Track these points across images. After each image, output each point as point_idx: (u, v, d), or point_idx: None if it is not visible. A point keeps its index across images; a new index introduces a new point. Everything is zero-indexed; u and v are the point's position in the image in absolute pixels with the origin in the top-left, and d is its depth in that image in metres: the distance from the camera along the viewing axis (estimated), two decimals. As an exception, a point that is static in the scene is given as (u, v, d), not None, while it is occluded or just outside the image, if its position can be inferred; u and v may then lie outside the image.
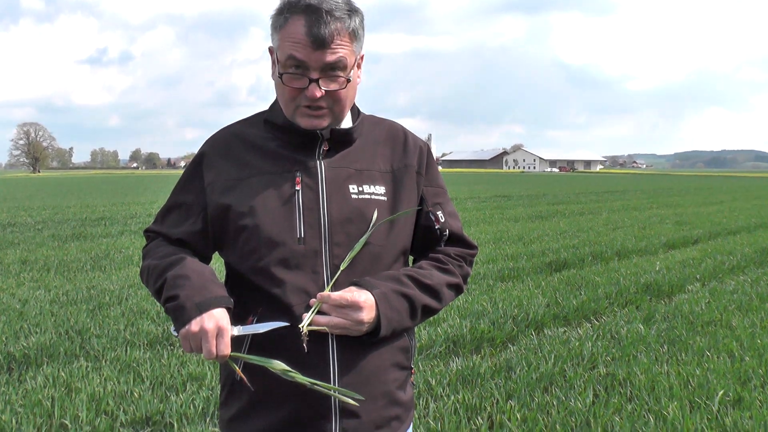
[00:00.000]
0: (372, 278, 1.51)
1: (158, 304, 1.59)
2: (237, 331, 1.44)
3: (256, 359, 1.44)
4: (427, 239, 1.69)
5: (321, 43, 1.43)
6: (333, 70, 1.47)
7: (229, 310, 1.45)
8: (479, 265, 9.00)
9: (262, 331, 1.45)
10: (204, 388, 4.30)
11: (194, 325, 1.39)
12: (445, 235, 1.68)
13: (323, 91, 1.47)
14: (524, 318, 6.10)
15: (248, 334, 1.47)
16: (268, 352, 1.47)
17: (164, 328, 5.66)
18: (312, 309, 1.45)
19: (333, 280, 1.49)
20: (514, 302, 6.71)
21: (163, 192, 29.55)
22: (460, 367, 4.74)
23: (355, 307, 1.44)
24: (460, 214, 1.76)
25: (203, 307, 1.40)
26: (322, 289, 1.48)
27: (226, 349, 1.41)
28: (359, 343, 1.51)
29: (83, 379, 4.48)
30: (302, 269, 1.50)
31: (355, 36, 1.48)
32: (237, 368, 1.47)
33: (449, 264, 1.65)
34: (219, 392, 1.68)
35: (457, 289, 1.66)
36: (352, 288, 1.48)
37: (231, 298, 1.48)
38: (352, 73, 1.51)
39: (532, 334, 5.71)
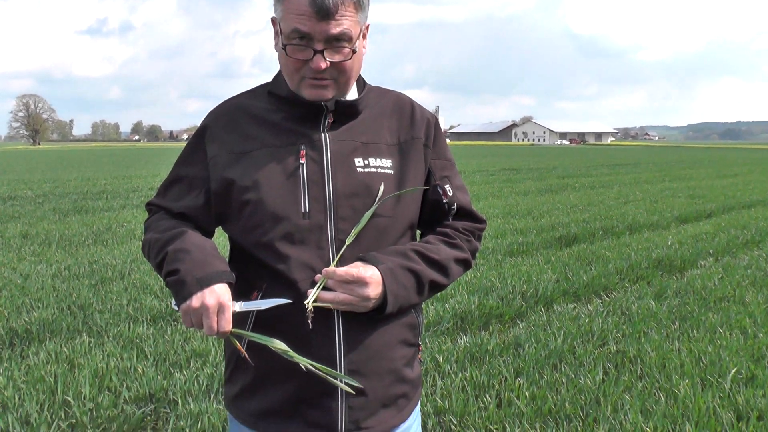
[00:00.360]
0: (378, 253, 1.49)
1: (161, 278, 1.56)
2: (239, 307, 1.42)
3: (257, 337, 1.43)
4: (434, 213, 1.67)
5: (325, 14, 1.39)
6: (338, 41, 1.43)
7: (230, 285, 1.43)
8: (488, 239, 8.95)
9: (264, 307, 1.43)
10: (208, 364, 4.27)
11: (195, 301, 1.37)
12: (453, 209, 1.66)
13: (328, 63, 1.44)
14: (533, 294, 6.05)
15: (252, 311, 1.46)
16: (273, 328, 1.45)
17: (167, 304, 5.63)
18: (317, 285, 1.44)
19: (338, 256, 1.48)
20: (523, 278, 6.66)
21: (165, 165, 29.55)
22: (467, 344, 4.69)
23: (361, 282, 1.41)
24: (468, 187, 1.71)
25: (204, 282, 1.38)
26: (328, 265, 1.47)
27: (227, 325, 1.39)
28: (365, 320, 1.48)
29: (86, 355, 4.46)
30: (307, 244, 1.47)
31: (359, 6, 1.45)
32: (239, 345, 1.45)
33: (457, 238, 1.63)
34: (223, 369, 1.67)
35: (466, 265, 1.64)
36: (358, 263, 1.46)
37: (233, 273, 1.46)
38: (357, 44, 1.47)
39: (541, 311, 5.67)
